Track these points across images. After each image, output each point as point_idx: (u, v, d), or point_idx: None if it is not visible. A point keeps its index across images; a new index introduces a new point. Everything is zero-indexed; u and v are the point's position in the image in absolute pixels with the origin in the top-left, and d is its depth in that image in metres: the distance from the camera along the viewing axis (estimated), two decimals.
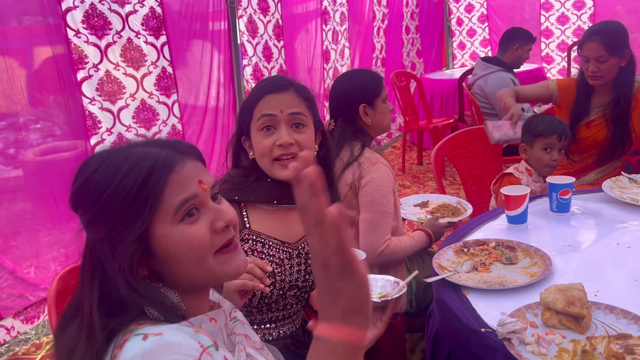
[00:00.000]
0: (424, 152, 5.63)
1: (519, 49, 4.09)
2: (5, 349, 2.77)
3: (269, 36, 4.29)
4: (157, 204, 0.86)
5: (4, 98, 2.60)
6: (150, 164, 0.87)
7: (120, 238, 0.85)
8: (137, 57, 3.17)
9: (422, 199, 2.49)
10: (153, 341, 0.79)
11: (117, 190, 0.85)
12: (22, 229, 2.72)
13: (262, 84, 1.49)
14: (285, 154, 1.42)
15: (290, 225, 1.52)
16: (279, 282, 1.48)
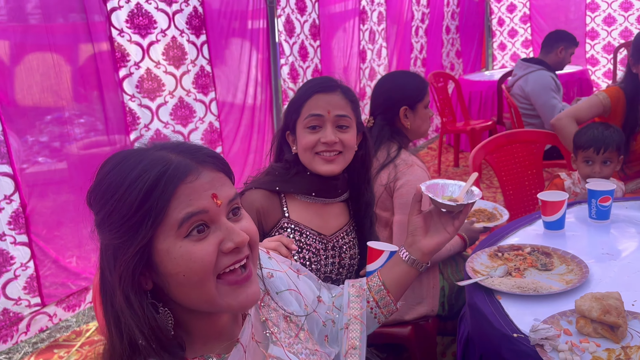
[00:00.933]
0: (461, 154, 5.56)
1: (563, 51, 4.00)
2: (47, 335, 2.89)
3: (305, 36, 4.31)
4: (161, 216, 0.79)
5: (50, 93, 2.70)
6: (160, 171, 0.80)
7: (123, 247, 0.80)
8: (179, 55, 3.24)
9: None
10: None
11: (123, 196, 0.79)
12: (66, 219, 2.82)
13: (310, 83, 1.55)
14: (327, 150, 1.48)
15: (326, 218, 1.58)
16: (315, 271, 1.53)
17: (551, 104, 3.76)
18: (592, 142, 2.15)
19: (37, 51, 2.65)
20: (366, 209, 1.62)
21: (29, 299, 2.67)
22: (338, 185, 1.58)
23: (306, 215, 1.56)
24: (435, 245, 1.25)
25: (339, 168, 1.51)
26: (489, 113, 5.51)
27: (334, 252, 1.57)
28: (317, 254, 1.54)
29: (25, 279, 2.64)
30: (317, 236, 1.55)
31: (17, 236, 2.58)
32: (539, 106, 3.83)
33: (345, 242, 1.60)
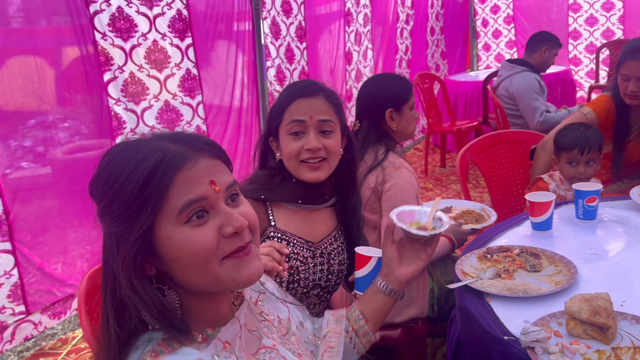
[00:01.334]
0: (447, 154, 5.59)
1: (547, 51, 4.03)
2: (32, 343, 2.84)
3: (292, 38, 4.30)
4: (160, 203, 0.82)
5: (33, 97, 2.66)
6: (157, 160, 0.82)
7: (124, 234, 0.82)
8: (161, 58, 3.21)
9: (446, 205, 2.47)
10: None
11: (123, 185, 0.81)
12: (50, 225, 2.78)
13: (292, 87, 1.52)
14: (312, 157, 1.46)
15: (313, 225, 1.56)
16: (303, 279, 1.51)
17: (534, 105, 3.80)
18: (576, 143, 2.16)
19: (19, 54, 2.62)
20: (353, 213, 1.60)
21: (14, 307, 2.63)
22: (324, 191, 1.56)
23: (293, 223, 1.53)
24: (411, 273, 1.27)
25: (324, 174, 1.49)
26: (474, 113, 5.55)
27: (322, 259, 1.55)
28: (306, 262, 1.52)
29: (9, 287, 2.59)
30: (304, 244, 1.53)
31: (0, 244, 2.53)
32: (522, 107, 3.87)
33: (334, 247, 1.59)
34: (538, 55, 4.04)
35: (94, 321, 1.32)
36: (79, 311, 1.30)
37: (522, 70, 3.93)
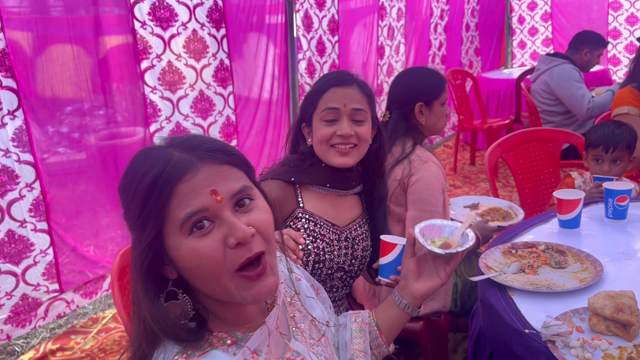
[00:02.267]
0: (477, 152, 5.52)
1: (589, 54, 3.94)
2: (64, 321, 2.95)
3: (323, 31, 4.31)
4: (162, 215, 0.81)
5: (71, 84, 2.75)
6: (157, 172, 0.81)
7: (136, 242, 0.84)
8: (200, 48, 3.27)
9: (473, 201, 2.46)
10: None
11: (131, 196, 0.83)
12: (84, 209, 2.87)
13: (328, 76, 1.56)
14: (343, 142, 1.50)
15: (340, 209, 1.60)
16: (328, 260, 1.55)
17: (579, 94, 3.69)
18: (602, 141, 2.13)
19: (58, 43, 2.70)
20: (380, 202, 1.63)
21: (48, 285, 2.73)
22: (352, 177, 1.59)
23: (320, 206, 1.57)
24: (426, 290, 1.23)
25: (353, 160, 1.53)
26: (506, 112, 5.47)
27: (347, 242, 1.59)
28: (331, 244, 1.56)
29: (44, 265, 2.70)
30: (330, 227, 1.56)
31: (37, 223, 2.64)
32: (567, 99, 3.76)
33: (359, 233, 1.62)
34: (579, 57, 3.95)
35: (126, 297, 1.37)
36: (112, 287, 1.36)
37: (561, 63, 3.83)
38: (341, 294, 1.65)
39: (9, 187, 2.50)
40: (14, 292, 2.59)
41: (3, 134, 2.45)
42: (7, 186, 2.49)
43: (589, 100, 3.67)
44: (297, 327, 1.04)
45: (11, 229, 2.53)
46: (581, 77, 3.80)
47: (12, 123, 2.47)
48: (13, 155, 2.50)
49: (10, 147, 2.48)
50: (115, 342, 2.76)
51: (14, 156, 2.50)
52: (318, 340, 1.09)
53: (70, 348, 2.72)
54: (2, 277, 2.53)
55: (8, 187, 2.49)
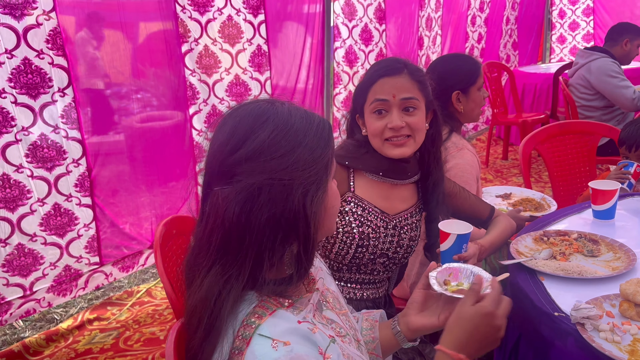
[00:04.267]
0: (510, 147, 5.47)
1: (629, 44, 3.84)
2: (101, 293, 3.07)
3: (369, 19, 4.31)
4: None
5: (115, 67, 2.85)
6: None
7: (314, 184, 0.91)
8: (234, 33, 3.33)
9: (505, 191, 2.46)
10: (285, 352, 0.82)
11: (312, 141, 0.93)
12: (124, 188, 2.97)
13: (376, 67, 1.54)
14: (396, 135, 1.49)
15: (392, 199, 1.59)
16: (372, 246, 1.55)
17: (623, 85, 3.61)
18: (626, 139, 2.13)
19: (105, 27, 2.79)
20: (434, 187, 1.60)
21: (89, 258, 2.85)
22: (408, 167, 1.57)
23: (372, 193, 1.57)
24: (421, 325, 1.19)
25: (410, 151, 1.51)
26: (542, 107, 5.38)
27: (394, 231, 1.58)
28: (377, 230, 1.55)
29: (87, 238, 2.81)
30: (379, 214, 1.56)
31: (82, 198, 2.75)
32: (609, 92, 3.68)
33: (408, 222, 1.60)
34: (619, 48, 3.85)
35: (167, 266, 1.44)
36: (155, 254, 1.42)
37: (600, 57, 3.75)
38: (382, 277, 1.65)
39: (57, 162, 2.61)
40: (58, 262, 2.71)
41: (53, 110, 2.56)
42: (55, 161, 2.60)
43: (634, 90, 3.59)
44: (325, 301, 1.10)
45: (57, 202, 2.65)
46: (621, 70, 3.72)
47: (61, 100, 2.58)
48: (62, 131, 2.61)
49: (59, 123, 2.59)
50: (148, 315, 2.87)
51: (62, 132, 2.61)
52: (344, 312, 1.14)
53: (107, 318, 2.84)
54: (47, 248, 2.65)
55: (56, 162, 2.61)
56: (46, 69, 2.49)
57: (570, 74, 4.01)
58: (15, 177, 2.46)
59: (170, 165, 3.17)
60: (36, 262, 2.61)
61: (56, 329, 2.71)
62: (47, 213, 2.61)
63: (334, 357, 0.90)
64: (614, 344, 1.12)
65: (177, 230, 1.54)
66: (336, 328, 1.04)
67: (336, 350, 0.92)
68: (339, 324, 1.07)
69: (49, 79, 2.51)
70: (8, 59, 2.36)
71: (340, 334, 1.04)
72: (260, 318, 0.87)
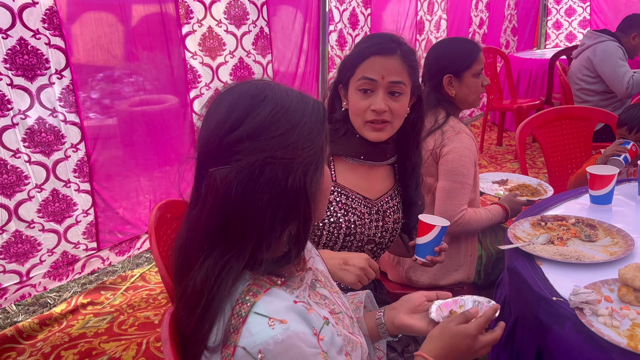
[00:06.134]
0: (505, 133, 5.47)
1: (637, 38, 3.84)
2: (95, 277, 3.06)
3: (357, 3, 4.27)
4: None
5: (113, 49, 2.78)
6: None
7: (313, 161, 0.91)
8: (240, 14, 3.27)
9: (502, 177, 2.46)
10: (282, 330, 0.83)
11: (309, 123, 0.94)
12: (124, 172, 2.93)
13: (369, 41, 1.51)
14: (377, 119, 1.48)
15: (372, 181, 1.60)
16: (359, 234, 1.56)
17: (621, 71, 3.65)
18: (628, 120, 2.13)
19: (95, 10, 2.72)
20: (412, 171, 1.61)
21: (87, 244, 2.83)
22: (387, 149, 1.58)
23: (353, 178, 1.57)
24: (407, 325, 1.20)
25: (386, 136, 1.51)
26: (537, 92, 5.38)
27: (378, 216, 1.59)
28: (362, 217, 1.56)
29: (85, 225, 2.79)
30: (362, 200, 1.56)
31: (81, 184, 2.71)
32: (607, 75, 3.71)
33: (390, 206, 1.61)
34: (627, 41, 3.85)
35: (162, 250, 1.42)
36: (150, 239, 1.40)
37: (607, 39, 3.76)
38: None
39: (55, 147, 2.56)
40: (55, 249, 2.69)
41: (50, 93, 2.51)
42: (53, 146, 2.56)
43: (630, 78, 3.61)
44: (317, 279, 1.11)
45: (56, 188, 2.61)
46: (625, 57, 3.72)
47: (59, 82, 2.53)
48: (60, 115, 2.56)
49: (57, 106, 2.54)
50: (142, 300, 2.86)
51: (60, 116, 2.56)
52: (335, 290, 1.15)
53: (101, 303, 2.83)
54: (45, 234, 2.62)
55: (54, 147, 2.56)
56: (42, 49, 2.44)
57: (575, 55, 4.00)
58: (13, 163, 2.42)
59: (169, 150, 3.14)
60: (33, 249, 2.59)
61: (50, 313, 2.70)
62: (45, 199, 2.58)
63: (327, 339, 0.91)
64: (612, 329, 1.13)
65: (172, 214, 1.53)
66: (329, 305, 1.05)
67: (330, 332, 0.93)
68: (332, 300, 1.08)
69: (45, 60, 2.46)
70: (3, 39, 2.30)
71: (335, 312, 1.05)
72: (255, 296, 0.87)
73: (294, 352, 0.83)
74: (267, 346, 0.81)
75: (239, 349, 0.83)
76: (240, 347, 0.83)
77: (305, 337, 0.85)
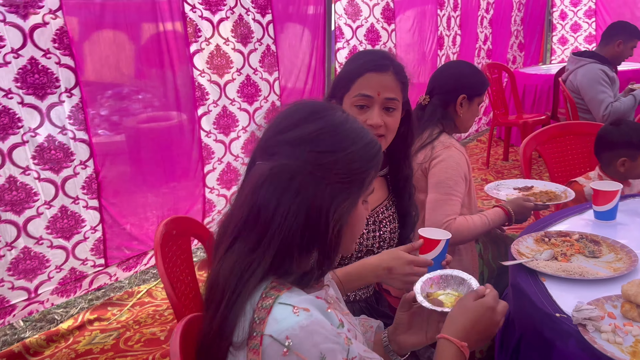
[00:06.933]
0: (511, 148, 5.46)
1: (621, 45, 3.86)
2: (102, 293, 3.08)
3: (376, 19, 4.31)
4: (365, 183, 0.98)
5: (122, 67, 2.84)
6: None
7: (346, 194, 0.94)
8: (246, 33, 3.33)
9: (526, 184, 2.30)
10: (306, 317, 0.86)
11: (356, 155, 0.98)
12: (131, 189, 2.97)
13: (363, 59, 1.55)
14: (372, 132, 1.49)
15: None
16: (357, 245, 1.57)
17: (599, 98, 3.68)
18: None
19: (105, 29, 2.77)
20: (405, 183, 1.64)
21: (95, 260, 2.85)
22: None
23: None
24: (411, 343, 1.22)
25: None
26: (543, 107, 5.39)
27: (375, 226, 1.60)
28: None
29: (93, 241, 2.81)
30: None
31: (89, 201, 2.75)
32: (587, 100, 3.76)
33: (385, 216, 1.63)
34: (611, 48, 3.88)
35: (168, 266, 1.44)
36: (155, 255, 1.42)
37: (587, 63, 3.80)
38: None
39: (64, 164, 2.61)
40: (64, 265, 2.71)
41: (60, 111, 2.56)
42: (62, 163, 2.60)
43: (607, 106, 3.65)
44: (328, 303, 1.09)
45: (64, 205, 2.64)
46: (610, 79, 3.74)
47: (69, 101, 2.58)
48: (69, 132, 2.60)
49: (67, 124, 2.58)
50: (149, 316, 2.87)
51: (69, 134, 2.61)
52: (345, 313, 1.15)
53: (107, 319, 2.84)
54: (53, 251, 2.65)
55: (63, 164, 2.60)
56: (53, 68, 2.49)
57: (564, 79, 4.05)
58: (22, 180, 2.46)
59: (176, 166, 3.17)
60: (42, 266, 2.61)
61: (56, 329, 2.72)
62: (54, 216, 2.61)
63: (345, 335, 0.94)
64: (615, 345, 1.13)
65: (178, 230, 1.54)
66: (346, 321, 1.06)
67: (345, 332, 0.96)
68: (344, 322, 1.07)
69: (55, 78, 2.51)
70: (14, 58, 2.36)
71: (351, 328, 1.06)
72: (278, 290, 0.90)
73: (319, 337, 0.86)
74: (294, 332, 0.84)
75: (265, 338, 0.85)
76: (267, 335, 0.85)
77: (326, 325, 0.89)
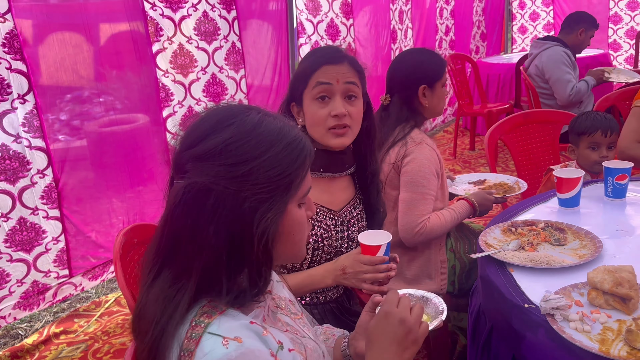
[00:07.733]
0: (477, 137, 5.53)
1: (583, 33, 3.95)
2: (68, 305, 2.98)
3: (335, 14, 4.28)
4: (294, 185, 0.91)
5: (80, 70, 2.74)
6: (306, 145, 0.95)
7: (272, 201, 0.87)
8: (211, 30, 3.24)
9: (479, 177, 2.45)
10: (236, 348, 0.80)
11: (281, 157, 0.91)
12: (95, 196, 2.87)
13: (317, 54, 1.53)
14: (338, 124, 1.48)
15: (334, 193, 1.59)
16: (327, 246, 1.55)
17: (565, 78, 3.75)
18: (599, 125, 2.15)
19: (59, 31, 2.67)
20: (372, 178, 1.62)
21: (58, 271, 2.75)
22: (345, 159, 1.58)
23: (314, 191, 1.52)
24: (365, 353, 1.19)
25: (348, 141, 1.52)
26: (506, 96, 5.48)
27: (343, 226, 1.58)
28: (328, 230, 1.55)
29: (55, 252, 2.71)
30: (327, 212, 1.56)
31: (50, 210, 2.64)
32: (552, 81, 3.81)
33: (353, 215, 1.61)
34: (574, 36, 3.96)
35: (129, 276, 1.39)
36: (115, 266, 1.37)
37: (552, 45, 3.88)
38: None
39: (20, 174, 2.50)
40: (25, 279, 2.61)
41: (13, 118, 2.45)
42: (18, 173, 2.49)
43: (573, 87, 3.73)
44: (278, 307, 1.08)
45: (23, 216, 2.54)
46: (572, 63, 3.82)
47: (22, 107, 2.47)
48: (24, 140, 2.50)
49: (21, 132, 2.48)
50: (118, 325, 2.79)
51: (24, 142, 2.50)
52: (299, 317, 1.12)
53: (74, 331, 2.75)
54: (13, 265, 2.55)
55: (19, 174, 2.50)
56: (4, 74, 2.39)
57: (527, 65, 4.11)
58: None
59: (141, 171, 3.08)
60: (2, 280, 2.51)
61: (21, 345, 2.62)
62: (12, 228, 2.51)
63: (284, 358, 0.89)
64: (584, 334, 1.13)
65: (139, 238, 1.49)
66: (292, 332, 1.03)
67: (287, 356, 0.91)
68: (295, 327, 1.06)
69: (7, 85, 2.40)
70: None
71: (297, 339, 1.02)
72: (209, 317, 0.85)
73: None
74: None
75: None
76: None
77: (262, 354, 0.83)
